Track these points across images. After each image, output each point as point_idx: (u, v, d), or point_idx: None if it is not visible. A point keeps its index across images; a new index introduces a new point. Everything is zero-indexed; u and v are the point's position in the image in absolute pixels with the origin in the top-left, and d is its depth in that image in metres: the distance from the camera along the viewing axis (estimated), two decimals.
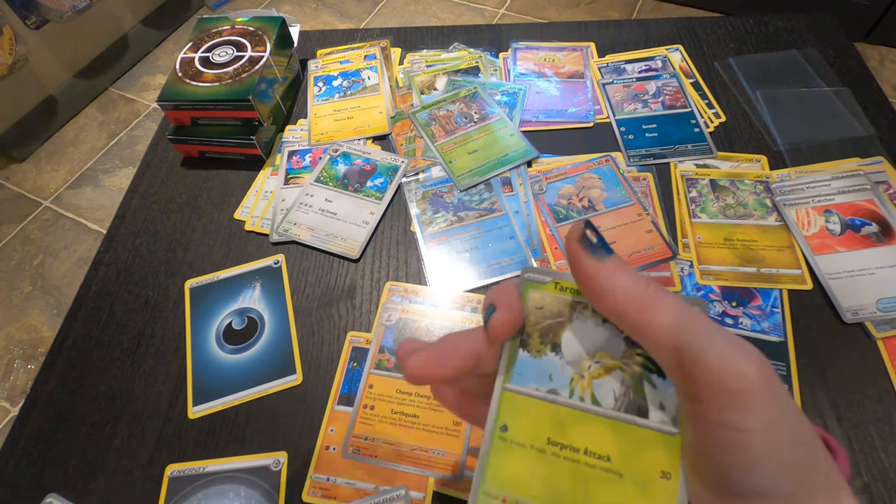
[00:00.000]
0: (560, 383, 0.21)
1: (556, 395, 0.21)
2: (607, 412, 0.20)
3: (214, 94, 0.58)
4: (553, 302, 0.22)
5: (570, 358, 0.21)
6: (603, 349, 0.21)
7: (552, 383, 0.21)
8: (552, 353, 0.21)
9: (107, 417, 0.47)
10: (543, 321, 0.22)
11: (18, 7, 1.50)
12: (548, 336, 0.22)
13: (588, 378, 0.21)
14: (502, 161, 0.58)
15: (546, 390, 0.21)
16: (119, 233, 0.59)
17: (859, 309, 0.45)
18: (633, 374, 0.20)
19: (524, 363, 0.22)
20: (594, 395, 0.20)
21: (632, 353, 0.20)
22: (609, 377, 0.20)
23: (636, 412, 0.20)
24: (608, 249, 0.20)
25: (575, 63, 0.67)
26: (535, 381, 0.21)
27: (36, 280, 1.42)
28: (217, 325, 0.51)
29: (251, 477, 0.43)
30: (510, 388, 0.21)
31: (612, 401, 0.20)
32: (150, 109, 1.79)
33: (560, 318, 0.22)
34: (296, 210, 0.57)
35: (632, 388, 0.20)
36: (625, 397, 0.20)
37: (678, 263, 0.50)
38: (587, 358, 0.21)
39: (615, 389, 0.20)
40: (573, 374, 0.21)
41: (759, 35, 0.67)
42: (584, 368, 0.21)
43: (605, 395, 0.20)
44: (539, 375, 0.21)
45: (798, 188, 0.53)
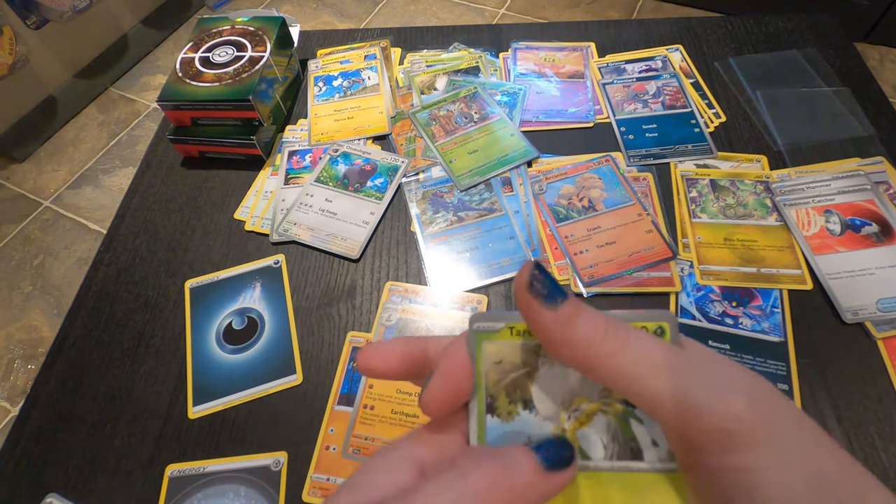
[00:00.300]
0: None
1: None
2: (600, 464, 0.18)
3: (214, 94, 0.58)
4: (511, 351, 0.19)
5: (546, 413, 0.19)
6: (578, 393, 0.19)
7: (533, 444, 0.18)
8: (524, 410, 0.19)
9: (107, 417, 0.47)
10: (506, 377, 0.19)
11: (18, 7, 1.50)
12: (515, 393, 0.19)
13: (571, 431, 0.19)
14: (502, 161, 0.58)
15: None
16: (119, 233, 0.59)
17: (859, 309, 0.45)
18: (616, 415, 0.18)
19: (495, 431, 0.19)
20: (582, 449, 0.18)
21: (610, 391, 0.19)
22: (592, 425, 0.19)
23: (630, 456, 0.18)
24: (560, 293, 0.17)
25: (575, 63, 0.67)
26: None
27: (36, 280, 1.42)
28: (217, 325, 0.51)
29: (251, 477, 0.43)
30: None
31: (602, 450, 0.18)
32: (151, 109, 1.79)
33: (524, 368, 0.19)
34: (296, 210, 0.57)
35: (619, 431, 0.18)
36: (614, 443, 0.18)
37: (678, 263, 0.50)
38: (564, 408, 0.19)
39: (602, 437, 0.18)
40: (553, 429, 0.19)
41: (759, 35, 0.67)
42: (564, 421, 0.19)
43: (594, 446, 0.18)
44: (516, 441, 0.19)
45: (798, 188, 0.53)
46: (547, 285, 0.17)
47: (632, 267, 0.49)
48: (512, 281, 0.51)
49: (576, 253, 0.51)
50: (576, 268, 0.50)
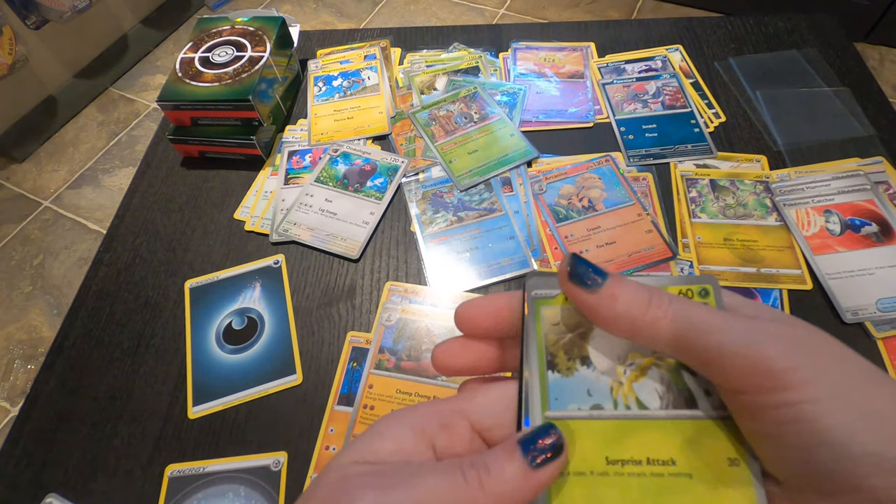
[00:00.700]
0: (601, 396, 0.20)
1: (601, 410, 0.20)
2: (657, 413, 0.19)
3: (214, 94, 0.58)
4: (568, 314, 0.21)
5: (603, 368, 0.20)
6: (633, 349, 0.20)
7: (593, 398, 0.20)
8: (583, 366, 0.20)
9: (107, 417, 0.47)
10: (564, 336, 0.21)
11: (18, 7, 1.50)
12: (573, 351, 0.21)
13: (627, 383, 0.20)
14: (502, 161, 0.58)
15: (589, 407, 0.20)
16: (119, 233, 0.59)
17: (859, 309, 0.45)
18: (669, 368, 0.20)
19: (558, 385, 0.20)
20: (639, 400, 0.20)
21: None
22: (647, 377, 0.20)
23: (685, 405, 0.19)
24: (601, 273, 0.20)
25: (575, 63, 0.67)
26: (574, 401, 0.20)
27: (36, 280, 1.42)
28: (217, 325, 0.51)
29: (251, 477, 0.43)
30: (552, 416, 0.20)
31: (658, 400, 0.19)
32: (150, 109, 1.79)
33: (580, 329, 0.21)
34: (296, 210, 0.57)
35: (673, 382, 0.20)
36: (669, 393, 0.19)
37: (678, 263, 0.50)
38: (620, 363, 0.20)
39: (657, 388, 0.20)
40: (611, 383, 0.20)
41: (759, 35, 0.67)
42: (620, 374, 0.20)
43: (650, 397, 0.20)
44: (577, 394, 0.20)
45: (798, 188, 0.53)
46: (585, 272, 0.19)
47: (632, 267, 0.49)
48: (511, 281, 0.51)
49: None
50: None
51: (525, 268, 0.51)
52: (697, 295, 0.20)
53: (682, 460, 0.19)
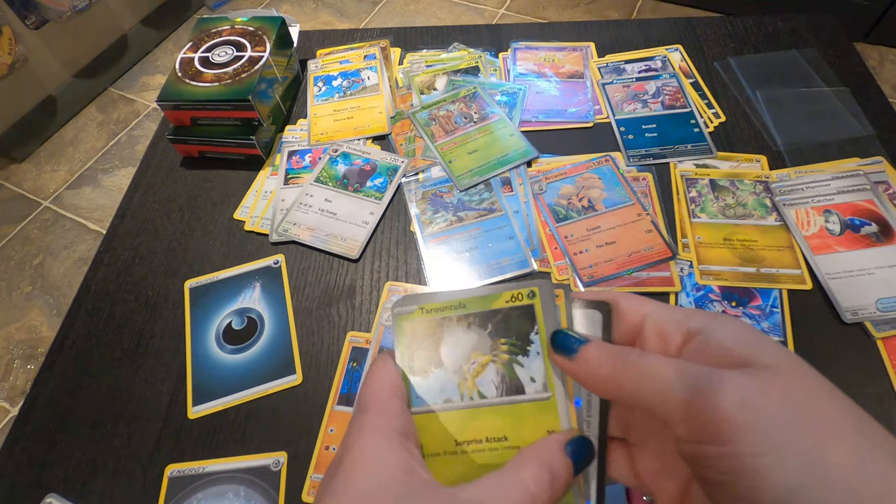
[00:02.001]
0: (451, 392, 0.24)
1: (450, 403, 0.24)
2: (493, 401, 0.24)
3: (214, 94, 0.58)
4: (423, 325, 0.25)
5: (452, 367, 0.24)
6: (475, 349, 0.24)
7: (445, 394, 0.24)
8: (437, 369, 0.25)
9: (107, 417, 0.47)
10: (421, 345, 0.25)
11: (18, 7, 1.50)
12: (428, 356, 0.25)
13: (471, 378, 0.24)
14: (502, 161, 0.58)
15: (442, 401, 0.24)
16: (119, 233, 0.59)
17: (859, 309, 0.45)
18: (503, 363, 0.24)
19: (418, 386, 0.25)
20: (479, 391, 0.24)
21: (497, 344, 0.24)
22: (486, 371, 0.24)
23: (515, 392, 0.24)
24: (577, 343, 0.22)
25: (575, 63, 0.67)
26: (431, 398, 0.24)
27: (36, 280, 1.42)
28: (217, 325, 0.51)
29: (251, 477, 0.43)
30: (415, 411, 0.24)
31: (494, 390, 0.24)
32: (150, 109, 1.79)
33: (433, 337, 0.25)
34: (295, 210, 0.57)
35: (506, 374, 0.24)
36: (503, 384, 0.24)
37: (678, 263, 0.50)
38: (465, 362, 0.24)
39: (494, 380, 0.24)
40: (459, 380, 0.24)
41: (759, 35, 0.67)
42: (465, 372, 0.24)
43: (488, 388, 0.24)
44: (433, 392, 0.24)
45: (798, 188, 0.53)
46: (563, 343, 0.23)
47: (631, 267, 0.50)
48: (511, 281, 0.51)
49: (575, 253, 0.51)
50: (575, 268, 0.50)
51: (525, 268, 0.51)
52: (526, 297, 0.24)
53: (513, 436, 0.23)
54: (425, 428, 0.24)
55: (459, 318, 0.25)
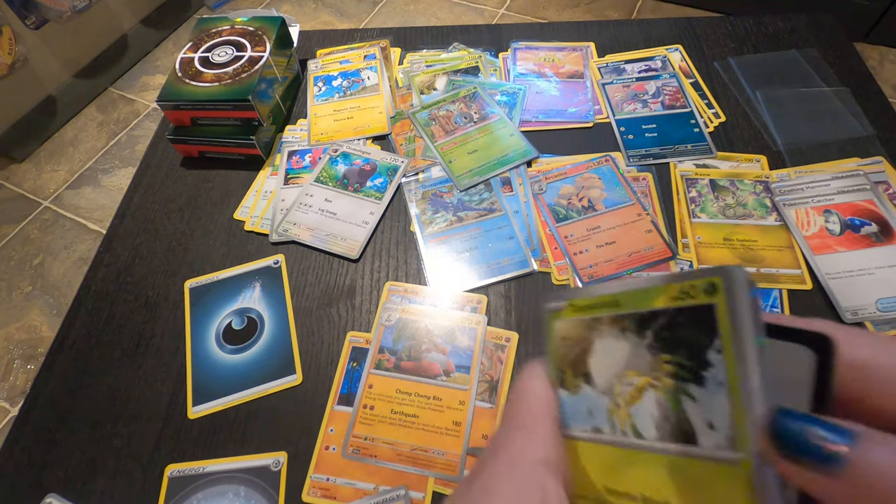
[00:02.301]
0: (600, 418, 0.18)
1: (600, 434, 0.18)
2: (653, 445, 0.16)
3: (214, 94, 0.58)
4: (574, 327, 0.19)
5: (602, 386, 0.18)
6: (629, 366, 0.17)
7: (594, 419, 0.18)
8: (586, 384, 0.18)
9: (107, 417, 0.47)
10: (571, 352, 0.19)
11: (18, 7, 1.50)
12: (578, 367, 0.19)
13: (624, 406, 0.17)
14: (502, 161, 0.58)
15: (590, 429, 0.18)
16: (119, 233, 0.59)
17: (859, 309, 0.45)
18: (667, 391, 0.16)
19: (566, 404, 0.19)
20: (634, 426, 0.17)
21: (658, 362, 0.17)
22: (643, 400, 0.17)
23: (683, 439, 0.16)
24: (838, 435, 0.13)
25: (575, 63, 0.67)
26: (579, 421, 0.19)
27: (36, 280, 1.42)
28: (217, 325, 0.51)
29: (251, 477, 0.43)
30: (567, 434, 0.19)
31: (654, 430, 0.16)
32: (150, 109, 1.79)
33: (583, 343, 0.19)
34: (295, 210, 0.57)
35: (671, 409, 0.16)
36: (666, 422, 0.16)
37: (678, 263, 0.50)
38: (617, 381, 0.18)
39: (654, 414, 0.17)
40: (609, 404, 0.18)
41: (759, 35, 0.67)
42: (618, 394, 0.18)
43: (646, 424, 0.17)
44: (580, 414, 0.18)
45: (798, 188, 0.53)
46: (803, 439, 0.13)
47: (631, 267, 0.50)
48: (511, 281, 0.51)
49: (575, 253, 0.51)
50: (575, 268, 0.50)
51: (525, 268, 0.51)
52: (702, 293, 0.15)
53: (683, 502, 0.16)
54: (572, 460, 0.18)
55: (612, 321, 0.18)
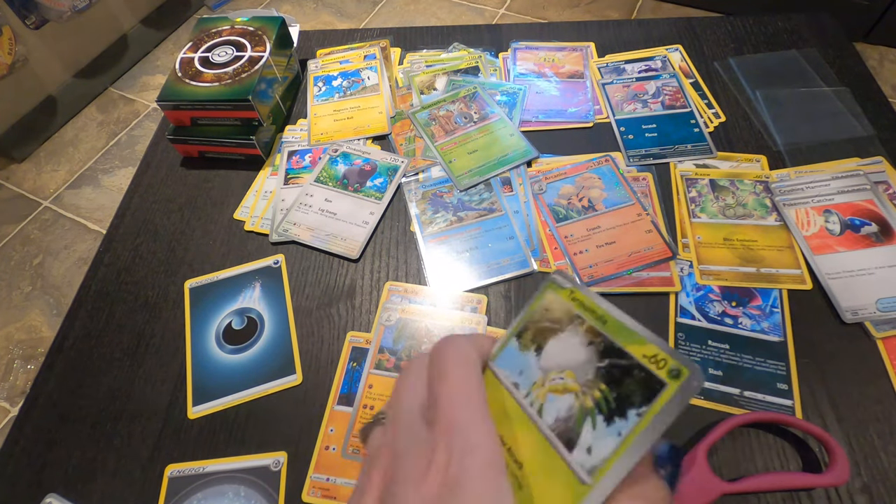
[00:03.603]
0: (525, 380, 0.22)
1: (515, 390, 0.22)
2: (543, 427, 0.20)
3: (214, 94, 0.58)
4: (560, 307, 0.22)
5: (545, 363, 0.22)
6: (574, 368, 0.21)
7: (519, 378, 0.22)
8: (534, 351, 0.22)
9: (107, 417, 0.47)
10: (543, 321, 0.23)
11: (18, 7, 1.50)
12: (539, 336, 0.22)
13: (546, 388, 0.21)
14: (502, 161, 0.58)
15: (511, 382, 0.22)
16: (119, 233, 0.59)
17: (859, 309, 0.45)
18: (582, 406, 0.20)
19: (510, 351, 0.23)
20: (542, 406, 0.21)
21: (595, 384, 0.20)
22: (563, 396, 0.20)
23: (565, 441, 0.20)
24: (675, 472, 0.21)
25: (575, 63, 0.67)
26: (509, 368, 0.23)
27: (36, 280, 1.42)
28: (217, 325, 0.51)
29: (251, 477, 0.43)
30: (491, 367, 0.23)
31: (553, 420, 0.20)
32: (150, 109, 1.79)
33: (557, 324, 0.22)
34: (295, 210, 0.57)
35: (574, 418, 0.20)
36: (563, 422, 0.20)
37: (678, 263, 0.50)
38: (556, 370, 0.21)
39: (560, 410, 0.20)
40: (539, 377, 0.22)
41: (759, 35, 0.67)
42: (549, 378, 0.21)
43: (550, 411, 0.20)
44: (513, 366, 0.22)
45: (798, 188, 0.53)
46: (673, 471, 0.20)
47: (631, 267, 0.50)
48: (511, 281, 0.51)
49: (575, 253, 0.51)
50: (576, 268, 0.50)
51: (525, 268, 0.51)
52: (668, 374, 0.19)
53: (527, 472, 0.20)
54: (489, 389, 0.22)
55: (589, 329, 0.21)
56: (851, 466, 0.39)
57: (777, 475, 0.39)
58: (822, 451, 0.40)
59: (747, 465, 0.40)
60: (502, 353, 0.23)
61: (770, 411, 0.42)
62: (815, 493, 0.38)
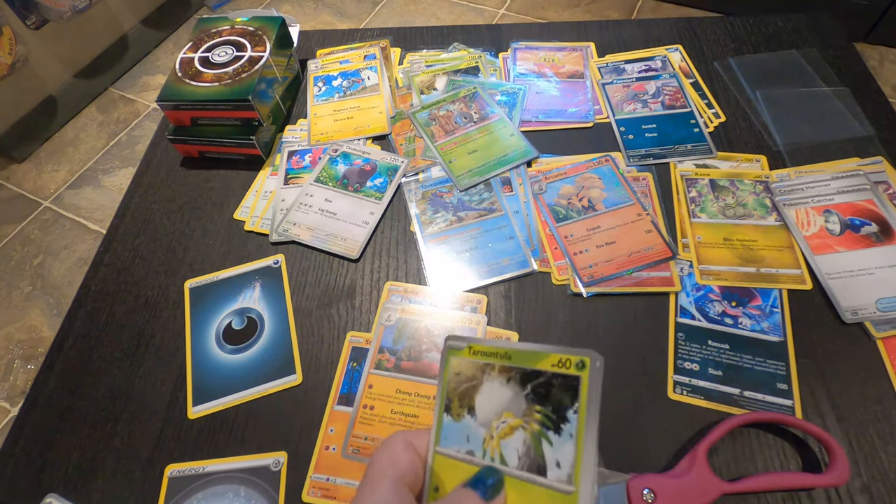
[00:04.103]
0: (475, 444, 0.23)
1: (472, 457, 0.23)
2: (512, 471, 0.22)
3: (214, 94, 0.58)
4: (468, 366, 0.24)
5: (482, 419, 0.23)
6: (508, 408, 0.23)
7: (469, 444, 0.23)
8: (468, 415, 0.23)
9: (107, 417, 0.47)
10: (461, 386, 0.24)
11: (18, 7, 1.50)
12: (465, 400, 0.24)
13: (497, 438, 0.22)
14: (502, 161, 0.58)
15: (465, 451, 0.23)
16: (119, 233, 0.59)
17: (859, 309, 0.45)
18: (532, 433, 0.22)
19: (448, 427, 0.24)
20: (502, 455, 0.22)
21: (531, 410, 0.22)
22: (514, 436, 0.22)
23: (536, 470, 0.21)
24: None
25: (575, 63, 0.67)
26: (456, 443, 0.23)
27: (36, 280, 1.42)
28: (217, 325, 0.51)
29: (251, 477, 0.43)
30: (439, 451, 0.24)
31: (517, 459, 0.22)
32: (150, 109, 1.79)
33: (473, 381, 0.24)
34: (295, 210, 0.57)
35: (532, 447, 0.22)
36: (526, 456, 0.22)
37: (678, 263, 0.50)
38: (495, 418, 0.23)
39: (518, 448, 0.22)
40: (485, 434, 0.23)
41: (759, 35, 0.67)
42: (494, 429, 0.23)
43: (511, 454, 0.22)
44: (459, 438, 0.23)
45: (797, 188, 0.53)
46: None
47: (631, 267, 0.50)
48: (511, 281, 0.51)
49: (575, 253, 0.51)
50: (575, 268, 0.50)
51: (525, 268, 0.51)
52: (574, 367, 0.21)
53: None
54: (445, 472, 0.23)
55: (501, 370, 0.23)
56: (851, 466, 0.39)
57: (777, 475, 0.39)
58: (822, 451, 0.40)
59: (747, 465, 0.40)
60: (441, 434, 0.24)
61: (770, 411, 0.42)
62: (815, 493, 0.38)
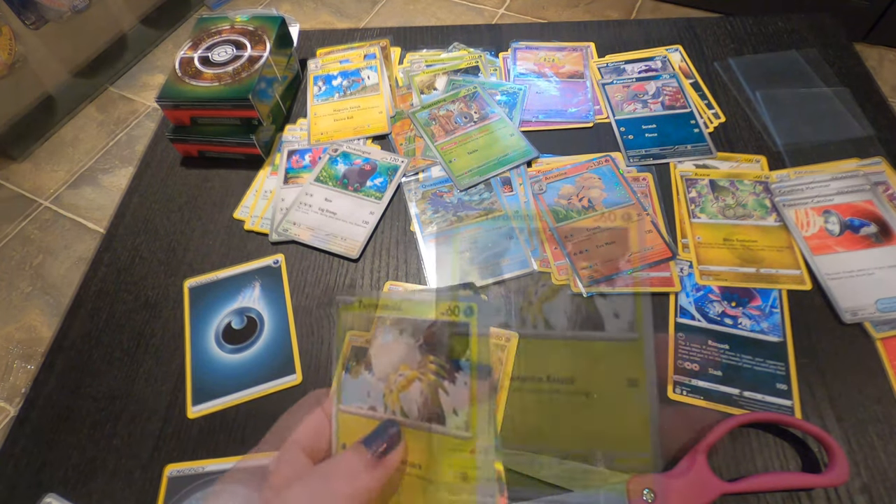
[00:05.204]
0: (376, 399, 0.23)
1: (374, 412, 0.23)
2: (413, 423, 0.22)
3: (214, 94, 0.58)
4: (359, 320, 0.24)
5: (380, 374, 0.23)
6: (404, 360, 0.23)
7: (371, 399, 0.23)
8: (366, 371, 0.24)
9: (106, 417, 0.47)
10: (356, 341, 0.24)
11: (18, 7, 1.50)
12: (361, 356, 0.24)
13: (395, 392, 0.23)
14: (502, 161, 0.58)
15: (367, 407, 0.23)
16: (118, 232, 0.58)
17: (858, 309, 0.45)
18: (429, 384, 0.22)
19: (348, 384, 0.24)
20: (402, 408, 0.22)
21: (426, 361, 0.22)
22: (411, 388, 0.22)
23: (436, 420, 0.22)
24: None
25: (575, 63, 0.67)
26: (358, 399, 0.23)
27: (35, 280, 1.42)
28: (216, 325, 0.51)
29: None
30: (342, 409, 0.24)
31: (416, 411, 0.22)
32: (150, 109, 1.78)
33: (366, 335, 0.24)
34: (295, 210, 0.57)
35: (430, 398, 0.22)
36: (425, 407, 0.22)
37: (678, 263, 0.50)
38: (392, 372, 0.23)
39: (416, 400, 0.22)
40: (384, 388, 0.23)
41: (759, 35, 0.67)
42: (392, 383, 0.23)
43: (410, 407, 0.22)
44: (360, 394, 0.23)
45: (797, 189, 0.53)
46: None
47: (631, 267, 0.50)
48: (511, 280, 0.51)
49: (575, 253, 0.51)
50: (575, 268, 0.50)
51: (525, 268, 0.51)
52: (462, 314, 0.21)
53: (426, 467, 0.21)
54: (351, 430, 0.23)
55: (393, 322, 0.23)
56: (851, 466, 0.39)
57: (777, 475, 0.39)
58: (822, 451, 0.40)
59: (747, 465, 0.40)
60: (343, 392, 0.24)
61: (770, 411, 0.42)
62: (814, 493, 0.38)
